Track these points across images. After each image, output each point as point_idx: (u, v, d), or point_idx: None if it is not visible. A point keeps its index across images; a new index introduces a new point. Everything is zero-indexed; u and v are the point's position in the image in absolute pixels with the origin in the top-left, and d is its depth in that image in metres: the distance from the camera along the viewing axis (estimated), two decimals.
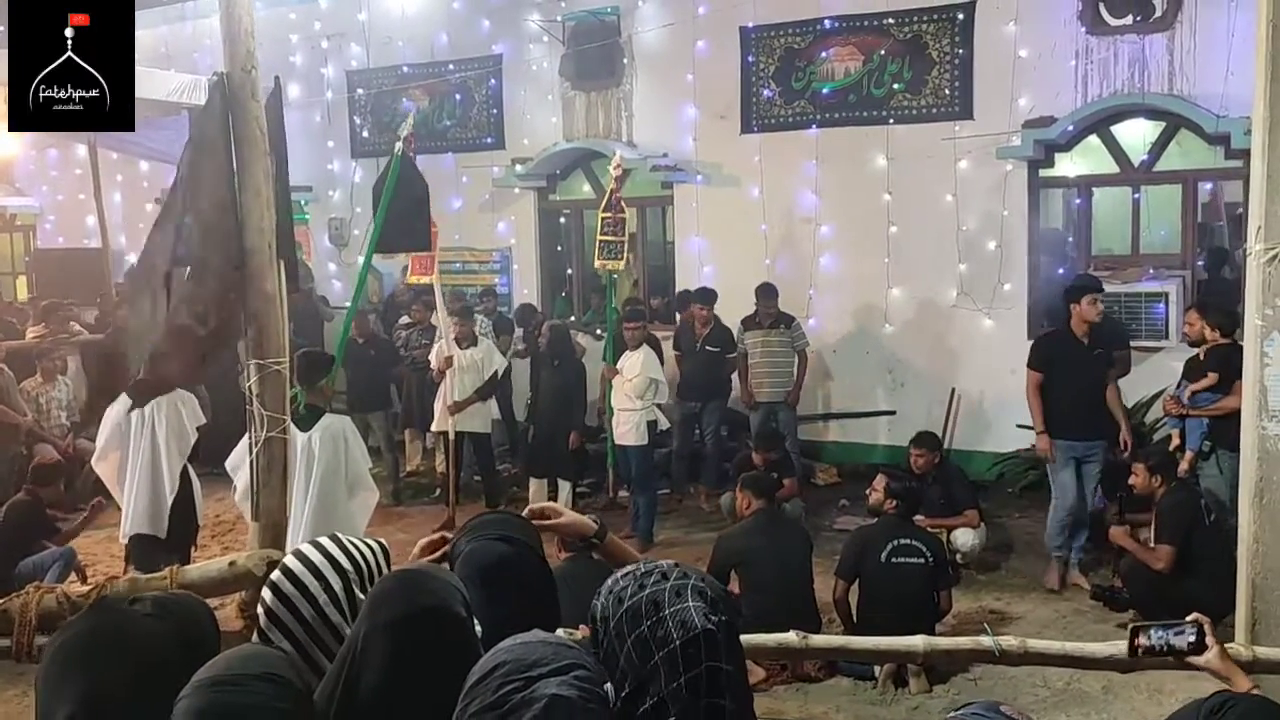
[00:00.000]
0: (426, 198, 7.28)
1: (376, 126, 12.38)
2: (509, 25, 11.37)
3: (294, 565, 2.07)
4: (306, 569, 2.06)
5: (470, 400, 8.58)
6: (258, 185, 3.25)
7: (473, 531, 2.27)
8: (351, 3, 12.29)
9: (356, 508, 5.24)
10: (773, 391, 8.80)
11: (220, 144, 3.25)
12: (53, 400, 9.15)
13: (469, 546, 2.23)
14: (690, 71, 10.40)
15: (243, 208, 3.25)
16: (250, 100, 3.25)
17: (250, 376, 3.29)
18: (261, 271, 3.26)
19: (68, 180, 14.52)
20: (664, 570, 1.77)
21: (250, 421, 3.30)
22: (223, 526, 8.53)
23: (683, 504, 9.12)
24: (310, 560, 2.08)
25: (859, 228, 9.69)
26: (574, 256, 11.69)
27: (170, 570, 2.97)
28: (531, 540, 2.32)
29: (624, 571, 1.79)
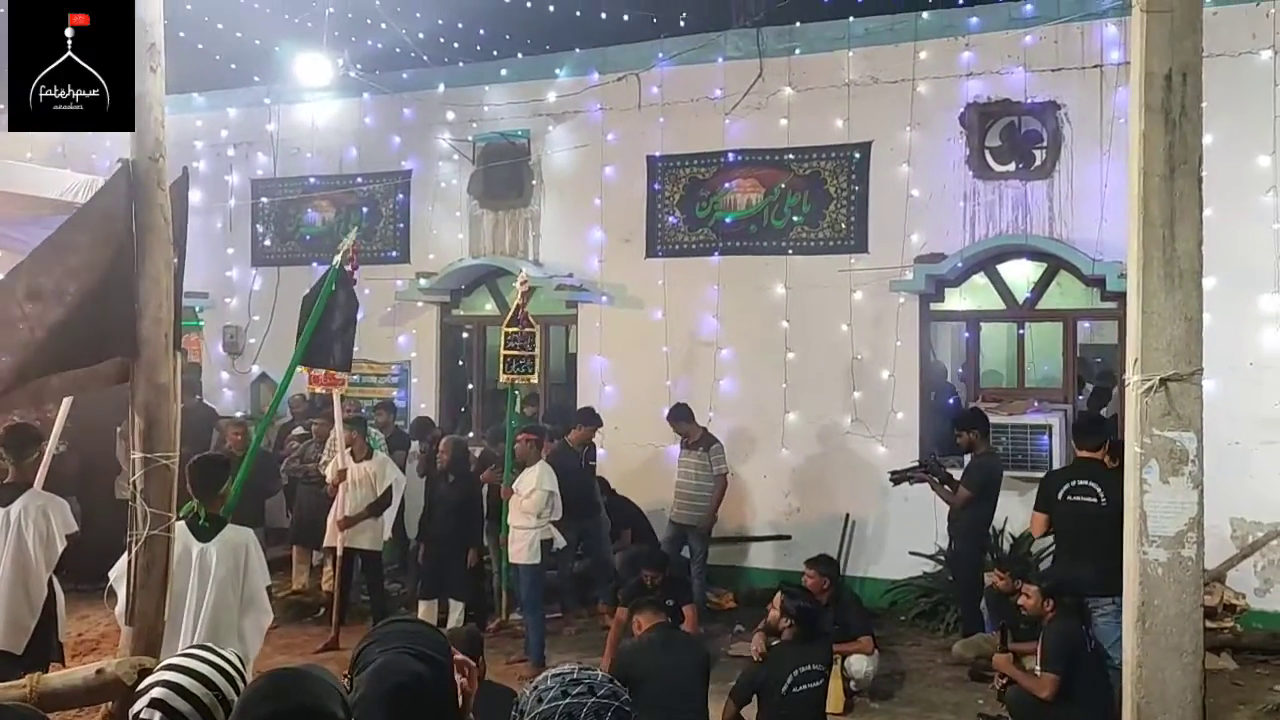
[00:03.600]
0: (354, 319, 7.20)
1: (279, 236, 12.29)
2: (420, 142, 11.52)
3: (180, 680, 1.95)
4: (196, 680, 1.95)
5: (362, 516, 8.33)
6: (157, 273, 3.17)
7: (386, 640, 2.16)
8: (261, 112, 12.33)
9: (249, 627, 4.96)
10: (686, 514, 8.78)
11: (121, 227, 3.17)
12: None
13: (381, 657, 2.11)
14: (598, 195, 10.65)
15: (141, 295, 3.15)
16: (155, 188, 3.20)
17: (135, 470, 3.13)
18: (155, 362, 3.15)
19: None
20: (593, 684, 1.71)
21: (130, 518, 3.13)
22: (85, 645, 8.00)
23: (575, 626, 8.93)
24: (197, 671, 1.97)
25: (758, 353, 9.89)
26: (475, 372, 11.63)
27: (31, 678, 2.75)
28: (447, 659, 2.21)
29: (556, 671, 1.72)
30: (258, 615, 5.11)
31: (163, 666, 2.03)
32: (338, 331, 7.14)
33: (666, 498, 9.33)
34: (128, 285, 3.19)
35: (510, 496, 8.05)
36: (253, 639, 5.04)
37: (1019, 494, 8.40)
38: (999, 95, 9.09)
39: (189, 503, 4.84)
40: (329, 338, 7.14)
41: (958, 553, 8.13)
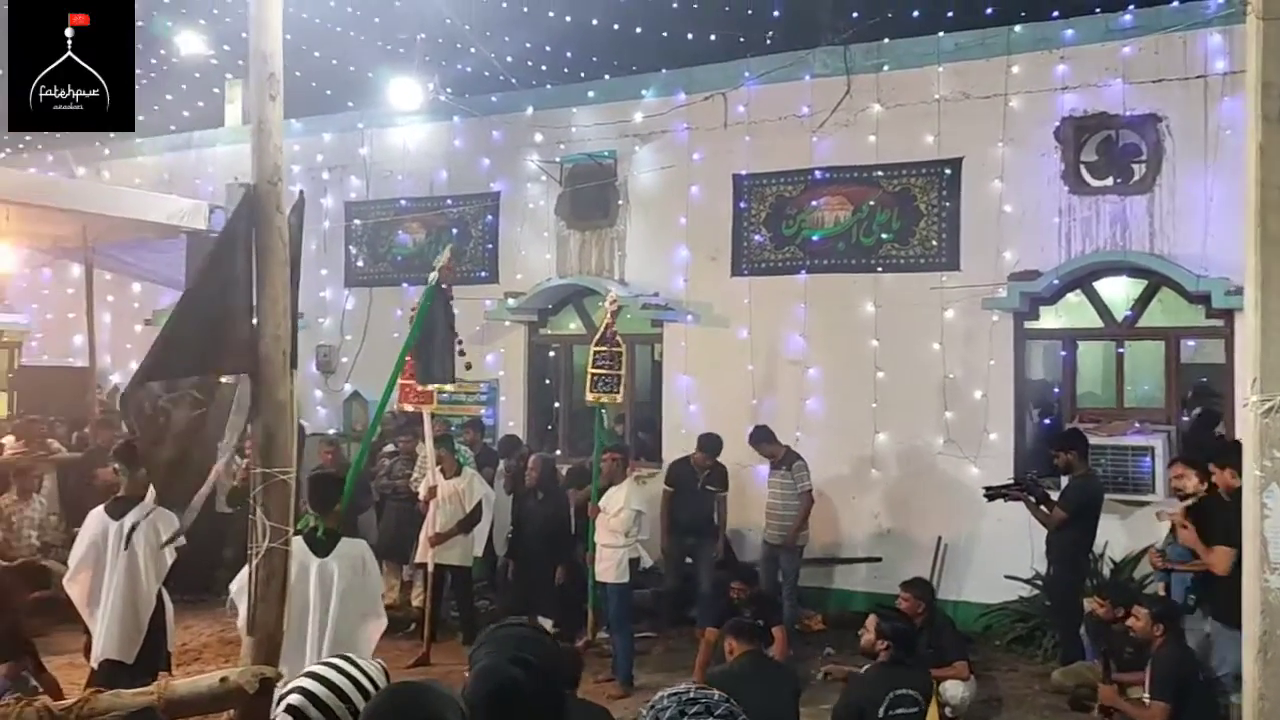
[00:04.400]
0: (452, 331, 7.34)
1: (371, 257, 12.57)
2: (508, 164, 11.69)
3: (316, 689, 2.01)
4: (331, 692, 2.00)
5: (453, 532, 8.44)
6: (276, 294, 3.27)
7: (492, 644, 2.20)
8: (354, 137, 12.64)
9: (369, 635, 5.14)
10: (776, 534, 8.75)
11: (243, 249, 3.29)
12: (25, 519, 8.95)
13: (484, 660, 2.15)
14: (683, 214, 10.68)
15: (260, 315, 3.26)
16: (274, 211, 3.30)
17: (255, 485, 3.23)
18: (274, 380, 3.24)
19: (59, 299, 14.58)
20: (710, 704, 1.70)
21: (251, 531, 3.23)
22: (189, 654, 8.23)
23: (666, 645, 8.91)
24: (332, 682, 2.02)
25: (846, 372, 9.79)
26: (562, 390, 11.71)
27: (159, 685, 2.85)
28: (549, 662, 2.23)
29: (673, 690, 1.73)
30: (376, 623, 5.28)
31: (304, 673, 2.09)
32: (439, 346, 7.27)
33: (754, 518, 9.30)
34: (248, 305, 3.30)
35: (598, 515, 8.08)
36: (372, 646, 5.19)
37: (1120, 517, 8.18)
38: (1095, 108, 8.90)
39: (304, 516, 5.00)
40: (432, 352, 7.28)
41: (1056, 577, 7.92)
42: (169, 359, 3.15)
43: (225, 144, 13.82)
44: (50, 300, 14.94)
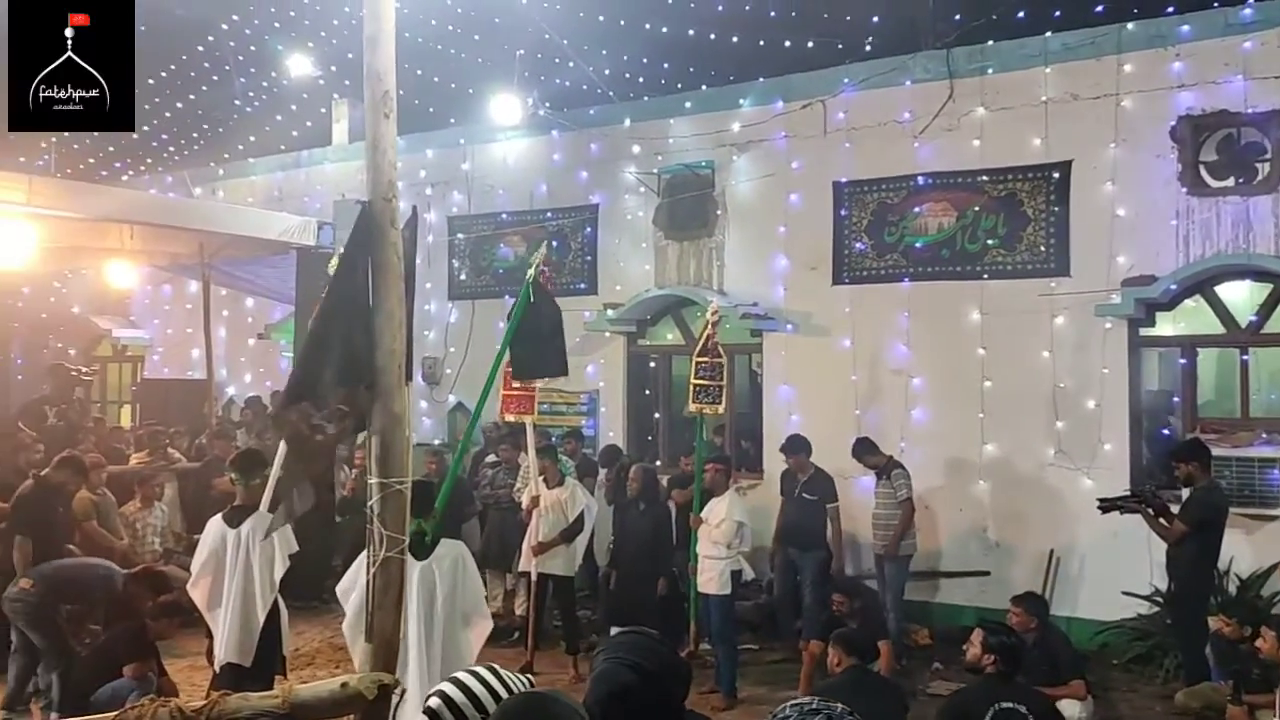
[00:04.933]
0: (560, 324, 7.40)
1: (474, 270, 12.79)
2: (606, 176, 11.78)
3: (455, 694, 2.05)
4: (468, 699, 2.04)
5: (555, 542, 8.49)
6: (391, 308, 3.34)
7: (609, 650, 2.21)
8: (456, 153, 12.90)
9: (473, 637, 5.20)
10: (880, 543, 8.66)
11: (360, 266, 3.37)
12: (148, 525, 9.29)
13: (602, 665, 2.16)
14: (782, 223, 10.61)
15: (376, 329, 3.33)
16: (389, 227, 3.38)
17: (372, 495, 3.30)
18: (390, 391, 3.32)
19: (178, 314, 15.18)
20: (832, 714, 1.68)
21: (369, 541, 3.30)
22: (302, 659, 8.44)
23: (769, 658, 8.83)
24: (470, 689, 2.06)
25: (952, 381, 9.59)
26: (661, 401, 11.73)
27: (283, 689, 2.93)
28: (664, 669, 2.23)
29: (795, 701, 1.71)
30: (480, 623, 5.33)
31: (447, 679, 2.14)
32: (548, 339, 7.32)
33: (858, 529, 9.18)
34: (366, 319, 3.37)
35: (699, 525, 8.06)
36: (476, 647, 5.25)
37: (1246, 532, 7.84)
38: (1215, 106, 8.56)
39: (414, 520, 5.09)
40: (538, 348, 7.33)
41: (1178, 594, 7.59)
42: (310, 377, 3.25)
43: (333, 162, 14.24)
44: (170, 315, 15.57)
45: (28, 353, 15.59)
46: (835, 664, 6.01)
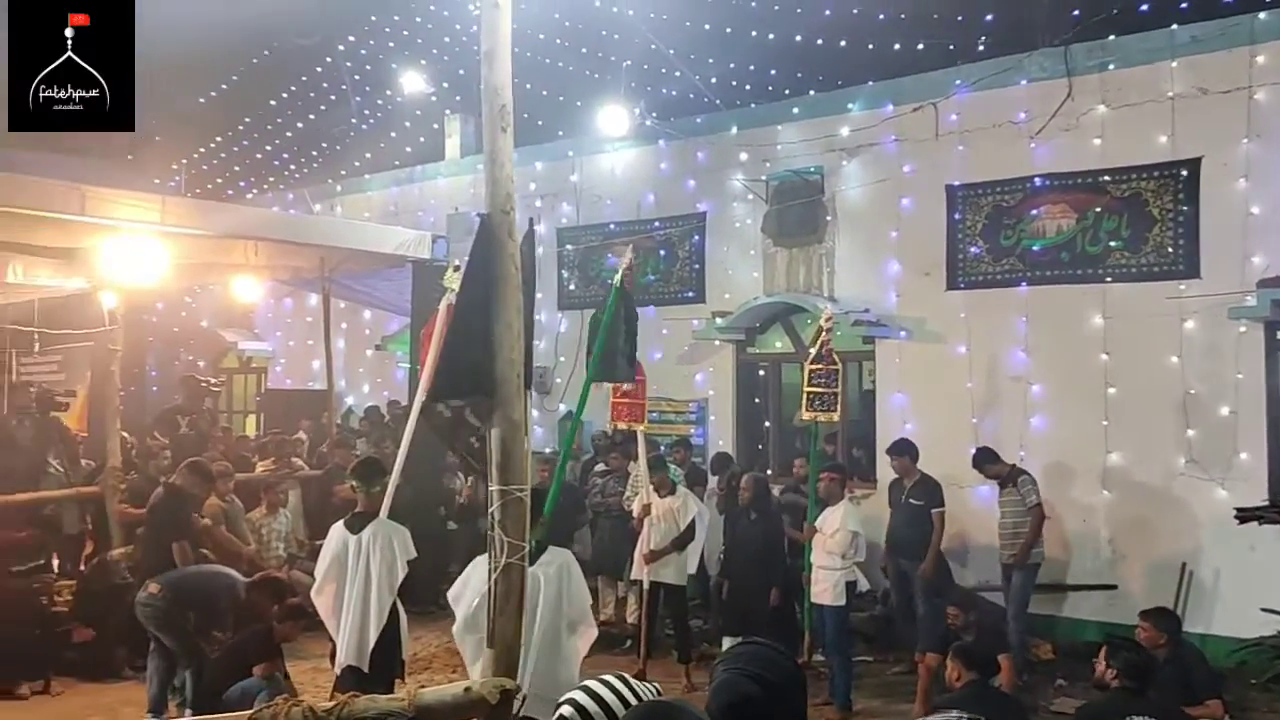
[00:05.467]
0: (635, 331, 7.43)
1: (582, 280, 12.92)
2: (714, 184, 11.77)
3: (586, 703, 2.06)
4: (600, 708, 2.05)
5: (667, 550, 8.49)
6: (510, 318, 3.40)
7: (729, 660, 2.19)
8: (565, 165, 13.05)
9: (578, 644, 5.21)
10: (1008, 553, 8.42)
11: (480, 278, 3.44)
12: (273, 531, 9.62)
13: (722, 676, 2.15)
14: (894, 228, 10.44)
15: (496, 339, 3.39)
16: (507, 238, 3.43)
17: (493, 502, 3.35)
18: (510, 400, 3.37)
19: (299, 327, 15.70)
20: None
21: (490, 547, 3.35)
22: (419, 664, 8.60)
23: (885, 670, 8.67)
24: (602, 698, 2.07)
25: (1073, 388, 9.29)
26: (771, 409, 11.64)
27: (408, 691, 2.99)
28: (785, 680, 2.20)
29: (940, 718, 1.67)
30: (585, 631, 5.34)
31: (579, 687, 2.15)
32: (621, 346, 7.36)
33: (978, 540, 8.95)
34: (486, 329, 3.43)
35: (813, 535, 7.97)
36: (580, 655, 5.26)
37: None
38: None
39: None
40: (612, 353, 7.37)
41: None
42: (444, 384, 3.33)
43: (445, 176, 14.56)
44: (291, 328, 16.11)
45: (161, 365, 16.33)
46: (955, 678, 5.86)
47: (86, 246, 9.37)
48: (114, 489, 9.06)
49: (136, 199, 9.24)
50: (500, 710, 2.92)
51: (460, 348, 3.37)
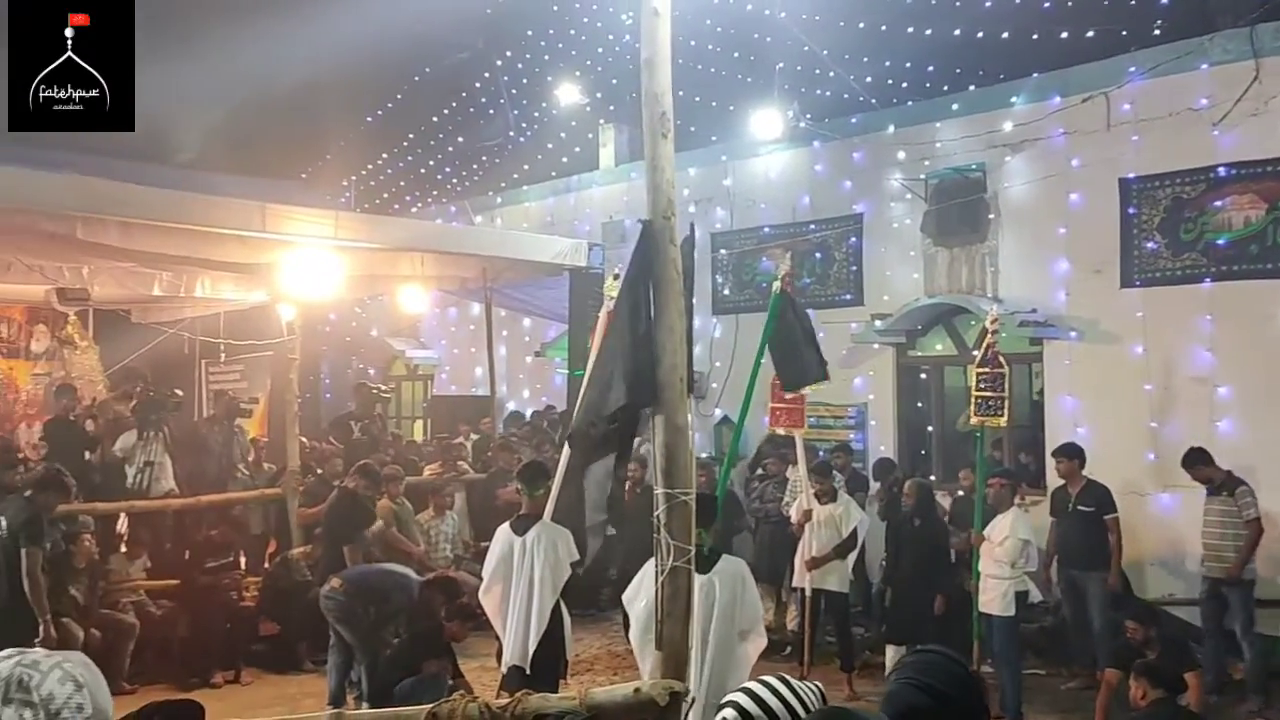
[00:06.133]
0: (812, 329, 7.37)
1: (737, 284, 12.89)
2: (871, 185, 11.56)
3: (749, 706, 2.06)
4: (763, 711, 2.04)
5: (829, 557, 8.38)
6: (672, 323, 3.42)
7: (900, 670, 2.15)
8: (718, 169, 13.06)
9: (749, 653, 5.20)
10: (1216, 566, 7.96)
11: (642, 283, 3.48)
12: (441, 533, 9.95)
13: (892, 686, 2.10)
14: (1062, 224, 10.03)
15: (658, 344, 3.42)
16: (668, 244, 3.46)
17: (658, 505, 3.38)
18: (673, 403, 3.39)
19: (462, 335, 16.21)
20: None
21: (656, 550, 3.38)
22: (581, 665, 8.74)
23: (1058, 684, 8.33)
24: (764, 701, 2.06)
25: (1267, 389, 8.70)
26: (934, 413, 11.34)
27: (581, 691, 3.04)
28: (958, 690, 2.14)
29: None
30: (756, 642, 5.32)
31: (740, 689, 2.16)
32: (804, 345, 7.29)
33: (1160, 552, 8.50)
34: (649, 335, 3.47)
35: (981, 543, 7.72)
36: (751, 662, 5.25)
37: None
38: None
39: None
40: (797, 356, 7.32)
41: None
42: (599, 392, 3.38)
43: (600, 185, 14.78)
44: (455, 336, 16.64)
45: (334, 373, 17.13)
46: (1140, 696, 5.60)
47: (267, 261, 9.93)
48: (294, 491, 9.56)
49: (311, 215, 9.75)
50: (668, 712, 2.94)
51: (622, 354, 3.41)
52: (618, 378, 3.39)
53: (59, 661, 1.91)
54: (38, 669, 1.88)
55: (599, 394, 3.42)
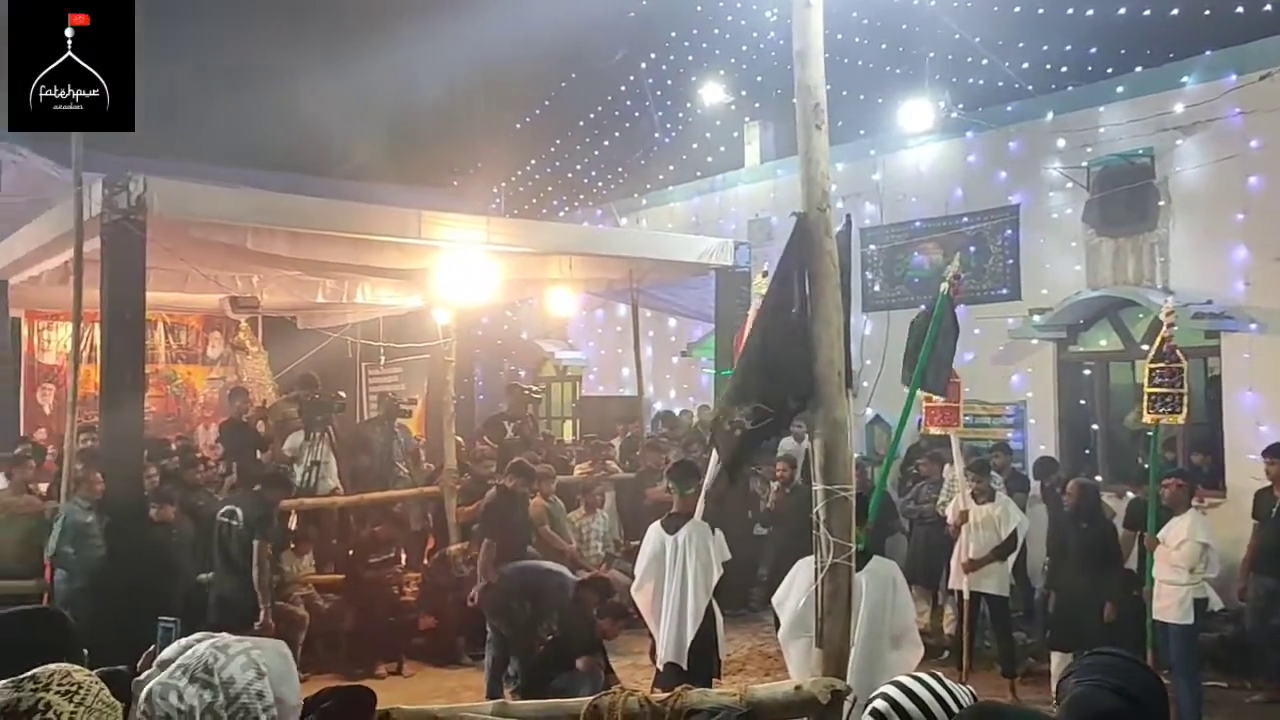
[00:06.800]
0: (954, 344, 7.17)
1: (887, 281, 12.62)
2: (1028, 175, 11.15)
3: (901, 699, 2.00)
4: (915, 704, 1.98)
5: (987, 559, 8.11)
6: (828, 316, 3.36)
7: (1083, 672, 2.04)
8: (866, 164, 12.81)
9: (900, 661, 4.99)
10: None
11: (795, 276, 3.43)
12: (592, 531, 10.07)
13: (1076, 689, 2.00)
14: (1240, 210, 9.45)
15: (814, 337, 3.36)
16: (824, 236, 3.40)
17: (817, 501, 3.32)
18: (831, 398, 3.33)
19: (609, 336, 16.39)
20: None
21: (815, 547, 3.32)
22: (733, 665, 8.69)
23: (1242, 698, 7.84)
24: (916, 695, 2.00)
25: None
26: (1098, 411, 10.84)
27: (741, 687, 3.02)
28: (1149, 694, 2.02)
29: None
30: (909, 649, 5.13)
31: (890, 682, 2.10)
32: (940, 356, 7.10)
33: None
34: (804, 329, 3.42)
35: (1155, 546, 7.33)
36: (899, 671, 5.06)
37: None
38: None
39: None
40: (936, 363, 7.13)
41: None
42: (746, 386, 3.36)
43: (745, 184, 14.70)
44: (602, 337, 16.84)
45: (487, 375, 17.58)
46: None
47: (422, 267, 10.25)
48: (451, 489, 9.83)
49: (464, 220, 10.02)
50: (830, 711, 2.89)
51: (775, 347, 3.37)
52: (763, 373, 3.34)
53: (248, 648, 1.99)
54: (226, 653, 1.97)
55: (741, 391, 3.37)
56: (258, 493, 8.34)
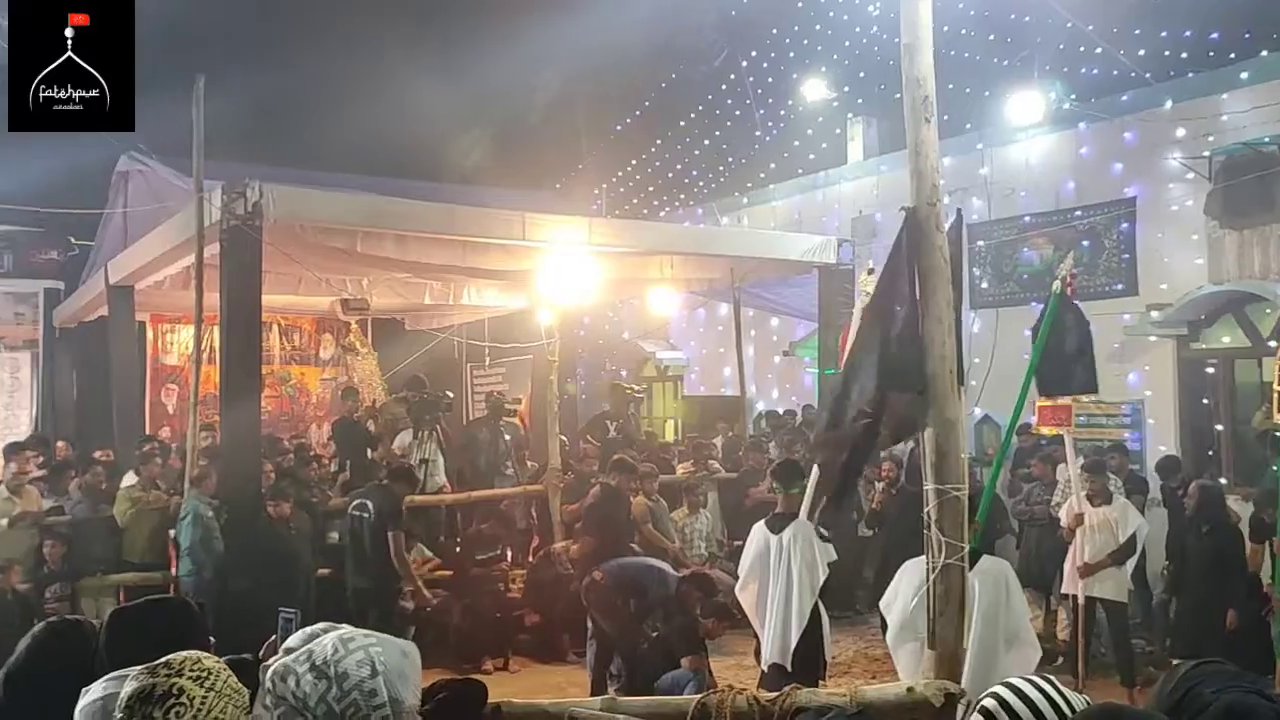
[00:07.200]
0: (1089, 337, 6.98)
1: (996, 277, 12.33)
2: (1144, 166, 10.76)
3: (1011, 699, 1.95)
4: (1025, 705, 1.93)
5: (1103, 563, 7.84)
6: (940, 312, 3.31)
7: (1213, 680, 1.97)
8: (973, 158, 12.53)
9: (1014, 663, 4.87)
10: None
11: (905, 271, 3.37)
12: (694, 531, 10.07)
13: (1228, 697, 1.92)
14: None
15: (926, 334, 3.30)
16: (934, 231, 3.34)
17: (928, 501, 3.27)
18: (943, 396, 3.27)
19: (710, 335, 16.37)
20: None
21: (927, 548, 3.27)
22: (839, 667, 8.60)
23: None
24: (1027, 696, 1.94)
25: None
26: (1223, 411, 10.40)
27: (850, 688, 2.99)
28: None
29: None
30: (1025, 651, 5.01)
31: (1001, 682, 2.06)
32: (1074, 354, 6.89)
33: None
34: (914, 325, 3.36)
35: None
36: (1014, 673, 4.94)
37: None
38: None
39: None
40: (1064, 362, 6.93)
41: None
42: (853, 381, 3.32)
43: (848, 180, 14.52)
44: (703, 337, 16.83)
45: (589, 374, 17.73)
46: None
47: (526, 268, 10.39)
48: (555, 487, 9.94)
49: (567, 221, 10.12)
50: (943, 714, 2.83)
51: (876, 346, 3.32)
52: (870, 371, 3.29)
53: (370, 644, 2.04)
54: (347, 647, 2.02)
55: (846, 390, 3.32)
56: (386, 486, 8.64)
